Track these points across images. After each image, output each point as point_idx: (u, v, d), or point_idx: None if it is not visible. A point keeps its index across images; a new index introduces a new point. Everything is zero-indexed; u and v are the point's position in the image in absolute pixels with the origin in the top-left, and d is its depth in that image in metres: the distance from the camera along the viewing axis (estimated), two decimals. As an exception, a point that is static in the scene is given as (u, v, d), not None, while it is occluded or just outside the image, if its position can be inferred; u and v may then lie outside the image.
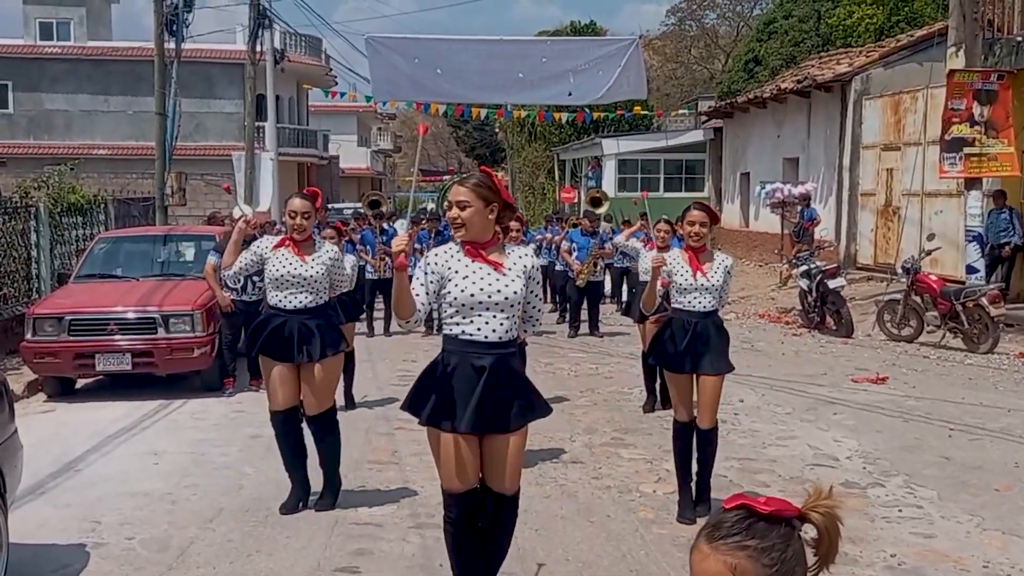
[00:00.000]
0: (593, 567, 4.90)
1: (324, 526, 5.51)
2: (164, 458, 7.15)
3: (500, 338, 3.85)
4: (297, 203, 5.72)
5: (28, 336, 9.34)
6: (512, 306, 3.85)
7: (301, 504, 5.82)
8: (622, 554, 5.08)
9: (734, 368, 5.74)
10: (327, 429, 5.87)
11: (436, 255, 3.91)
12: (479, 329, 3.83)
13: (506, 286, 3.84)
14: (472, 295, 3.81)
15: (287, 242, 5.75)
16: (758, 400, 9.01)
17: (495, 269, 3.84)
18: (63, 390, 9.67)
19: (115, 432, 8.00)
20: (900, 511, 5.77)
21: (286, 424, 5.78)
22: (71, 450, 7.33)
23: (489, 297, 3.82)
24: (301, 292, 5.67)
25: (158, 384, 9.77)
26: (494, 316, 3.83)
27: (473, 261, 3.86)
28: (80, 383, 10.08)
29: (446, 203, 3.84)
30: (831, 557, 1.69)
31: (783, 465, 6.81)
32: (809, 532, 1.67)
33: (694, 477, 5.66)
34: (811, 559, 1.67)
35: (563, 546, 5.20)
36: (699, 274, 5.47)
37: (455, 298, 3.82)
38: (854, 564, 4.88)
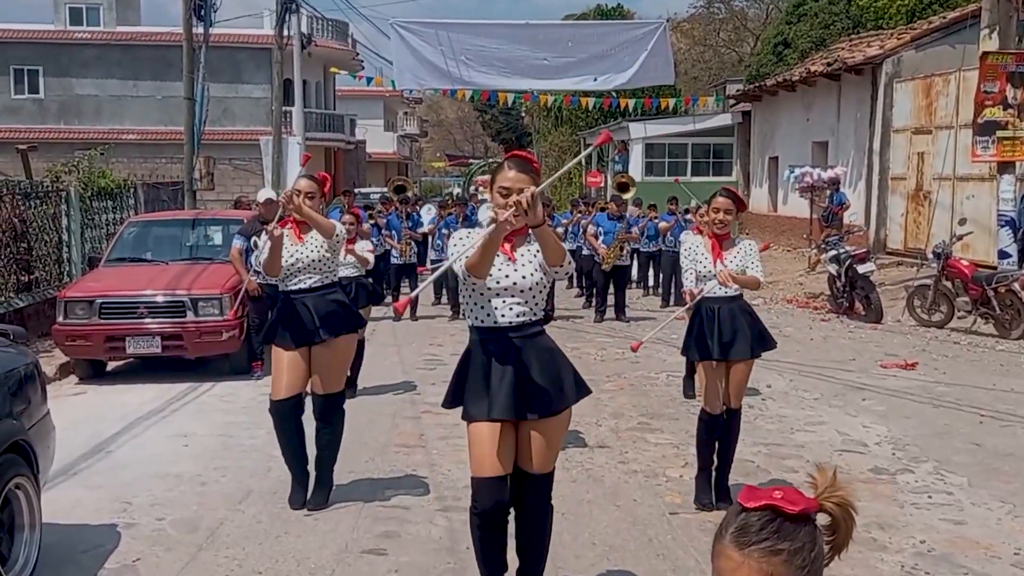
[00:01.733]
0: (619, 551, 4.90)
1: (351, 509, 5.54)
2: (194, 440, 7.22)
3: (518, 321, 3.82)
4: (303, 183, 5.62)
5: (59, 319, 9.45)
6: (523, 292, 3.81)
7: (306, 496, 5.59)
8: (648, 539, 5.08)
9: (775, 344, 5.70)
10: (332, 413, 5.63)
11: (468, 234, 3.90)
12: (503, 315, 3.82)
13: (515, 271, 3.80)
14: (487, 284, 3.78)
15: (289, 223, 5.60)
16: (786, 385, 8.96)
17: (509, 259, 3.81)
18: (94, 373, 9.78)
19: (145, 414, 8.09)
20: (930, 497, 5.72)
21: (292, 414, 5.54)
22: (102, 432, 7.41)
23: (498, 283, 3.78)
24: (308, 274, 5.54)
25: (187, 367, 9.86)
26: (503, 301, 3.81)
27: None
28: (111, 366, 10.20)
29: (502, 189, 3.65)
30: (845, 545, 1.66)
31: (811, 451, 6.77)
32: (822, 520, 1.65)
33: (715, 460, 5.64)
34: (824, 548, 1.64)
35: (589, 530, 5.21)
36: (719, 261, 5.44)
37: (477, 285, 3.81)
38: (883, 550, 4.85)
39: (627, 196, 14.18)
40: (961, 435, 7.14)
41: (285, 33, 21.98)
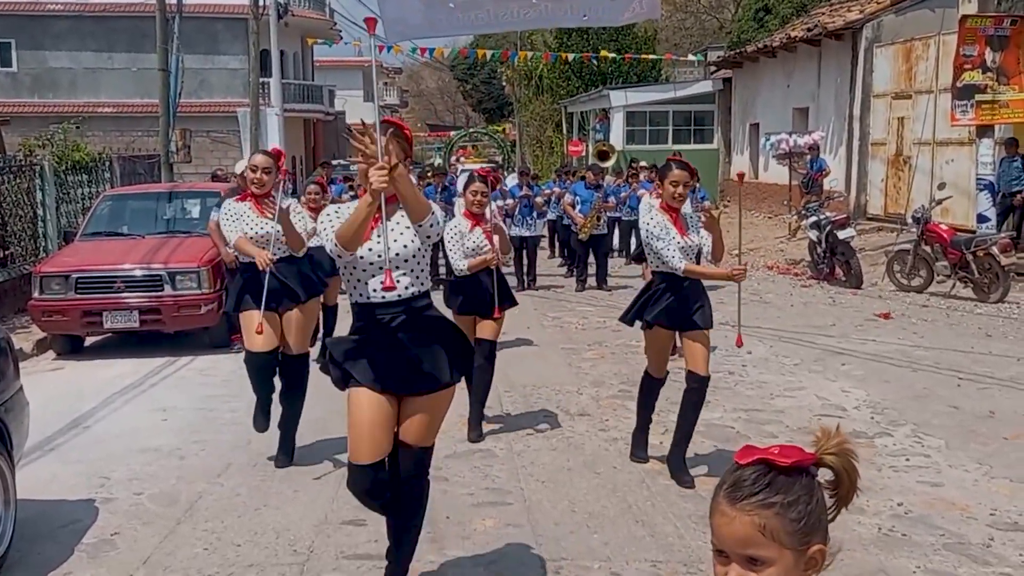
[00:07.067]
0: (599, 518, 4.91)
1: (331, 480, 5.53)
2: (172, 414, 7.18)
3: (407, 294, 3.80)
4: (259, 158, 5.78)
5: (35, 294, 9.36)
6: (406, 261, 3.75)
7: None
8: (628, 505, 5.09)
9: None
10: (299, 375, 5.89)
11: (337, 210, 3.85)
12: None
13: (393, 241, 3.71)
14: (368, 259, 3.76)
15: (248, 198, 5.81)
16: (766, 351, 8.99)
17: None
18: (72, 348, 9.71)
19: (123, 389, 8.04)
20: (908, 460, 5.76)
21: (267, 363, 5.78)
22: (80, 407, 7.37)
23: (380, 256, 3.69)
24: (267, 247, 5.62)
25: (166, 341, 9.79)
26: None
27: None
28: (88, 340, 10.12)
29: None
30: (850, 498, 1.65)
31: (791, 416, 6.80)
32: (825, 475, 1.63)
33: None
34: (828, 502, 1.63)
35: (569, 498, 5.21)
36: (684, 236, 5.33)
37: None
38: (861, 513, 4.87)
39: (606, 164, 14.15)
40: (939, 398, 7.19)
41: (261, 2, 21.72)
